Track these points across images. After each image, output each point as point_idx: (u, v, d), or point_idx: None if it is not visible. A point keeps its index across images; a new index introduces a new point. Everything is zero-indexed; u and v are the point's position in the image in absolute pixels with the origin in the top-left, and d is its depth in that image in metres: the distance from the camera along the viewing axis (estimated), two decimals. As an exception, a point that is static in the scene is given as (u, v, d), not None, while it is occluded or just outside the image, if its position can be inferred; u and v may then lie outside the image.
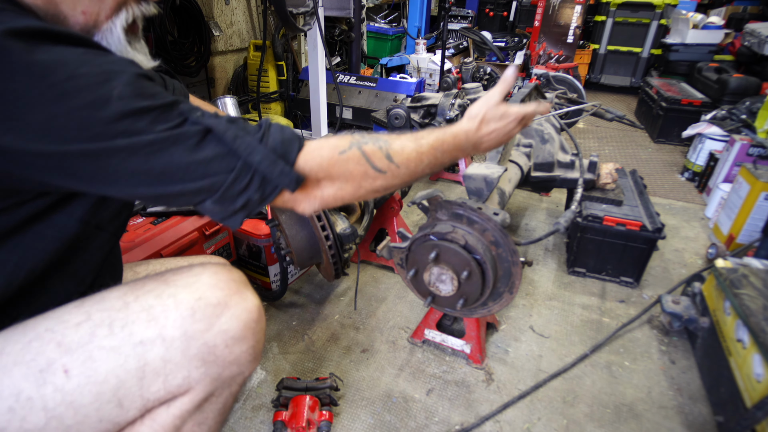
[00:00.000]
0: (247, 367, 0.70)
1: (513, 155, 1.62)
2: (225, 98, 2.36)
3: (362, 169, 0.70)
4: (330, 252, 1.29)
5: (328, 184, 0.69)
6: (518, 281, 1.12)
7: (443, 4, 3.19)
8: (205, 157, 0.58)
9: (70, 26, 0.60)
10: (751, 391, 1.07)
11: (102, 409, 0.58)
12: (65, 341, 0.58)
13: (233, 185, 0.60)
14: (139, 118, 0.54)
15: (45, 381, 0.56)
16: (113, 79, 0.53)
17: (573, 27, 4.51)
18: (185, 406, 0.65)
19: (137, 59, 0.67)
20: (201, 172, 0.58)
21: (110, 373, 0.58)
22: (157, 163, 0.56)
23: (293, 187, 0.64)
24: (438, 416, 1.21)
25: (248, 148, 0.60)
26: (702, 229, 2.21)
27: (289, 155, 0.64)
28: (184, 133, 0.57)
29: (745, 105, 2.66)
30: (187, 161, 0.57)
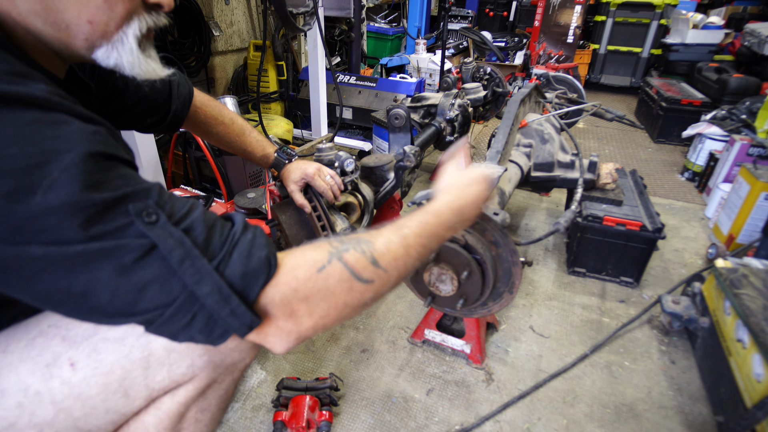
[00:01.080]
0: (248, 354, 0.70)
1: (513, 155, 1.62)
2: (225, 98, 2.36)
3: (346, 286, 0.59)
4: (330, 252, 1.29)
5: (305, 314, 0.57)
6: (518, 281, 1.12)
7: (443, 4, 3.19)
8: (140, 279, 0.48)
9: (74, 35, 0.55)
10: (751, 391, 1.07)
11: (108, 400, 0.59)
12: (70, 335, 0.59)
13: (170, 321, 0.51)
14: (68, 216, 0.44)
15: (52, 375, 0.56)
16: (51, 161, 0.44)
17: (573, 27, 4.51)
18: (189, 394, 0.66)
19: (150, 68, 0.63)
20: (131, 299, 0.48)
21: (115, 364, 0.59)
22: (78, 280, 0.46)
23: (243, 332, 0.54)
24: (438, 416, 1.21)
25: (196, 276, 0.50)
26: (702, 229, 2.21)
27: (249, 290, 0.53)
28: (123, 245, 0.47)
29: (745, 105, 2.66)
30: (116, 283, 0.47)
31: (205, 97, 1.11)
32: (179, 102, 1.00)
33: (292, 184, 1.20)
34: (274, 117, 3.06)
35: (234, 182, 2.07)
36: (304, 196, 1.21)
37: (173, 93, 0.98)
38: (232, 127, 1.16)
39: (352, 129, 3.41)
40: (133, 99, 0.90)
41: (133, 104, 0.91)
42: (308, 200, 1.21)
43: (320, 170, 1.21)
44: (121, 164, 0.51)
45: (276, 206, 1.29)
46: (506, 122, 1.53)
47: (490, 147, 1.45)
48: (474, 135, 3.38)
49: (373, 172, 1.47)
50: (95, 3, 0.54)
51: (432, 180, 2.69)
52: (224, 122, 1.14)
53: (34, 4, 0.51)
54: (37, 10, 0.52)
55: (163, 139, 2.24)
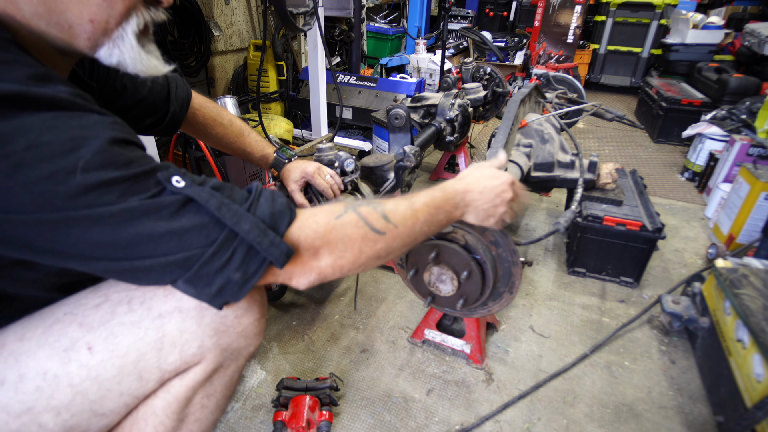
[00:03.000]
0: (253, 340, 0.72)
1: (513, 155, 1.62)
2: (225, 98, 2.36)
3: (361, 232, 0.66)
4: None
5: (326, 253, 0.64)
6: (518, 281, 1.13)
7: (443, 4, 3.19)
8: (181, 227, 0.53)
9: (77, 35, 0.57)
10: (751, 391, 1.07)
11: (123, 383, 0.61)
12: (86, 321, 0.60)
13: (212, 260, 0.55)
14: (107, 191, 0.50)
15: (70, 359, 0.58)
16: (82, 146, 0.49)
17: (573, 27, 4.51)
18: (197, 377, 0.68)
19: (152, 65, 0.65)
20: (174, 244, 0.53)
21: (131, 346, 0.60)
22: (123, 233, 0.51)
23: (282, 261, 0.59)
24: (438, 416, 1.21)
25: (235, 217, 0.56)
26: (702, 229, 2.21)
27: (279, 226, 0.60)
28: (159, 203, 0.52)
29: (745, 105, 2.66)
30: (160, 231, 0.52)
31: (203, 98, 1.11)
32: (177, 104, 1.00)
33: (293, 184, 1.21)
34: (274, 117, 3.06)
35: (234, 182, 2.07)
36: (304, 196, 1.21)
37: (171, 95, 0.98)
38: (231, 128, 1.16)
39: (352, 129, 3.41)
40: (131, 100, 0.90)
41: (131, 105, 0.91)
42: (308, 200, 1.21)
43: (320, 169, 1.21)
44: (138, 148, 0.56)
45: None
46: (506, 122, 1.53)
47: (490, 147, 1.45)
48: (474, 135, 3.38)
49: (373, 172, 1.48)
50: (95, 1, 0.55)
51: (432, 180, 2.68)
52: (223, 123, 1.14)
53: (37, 7, 0.53)
54: (40, 13, 0.53)
55: (163, 140, 2.24)
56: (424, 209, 0.75)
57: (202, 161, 2.12)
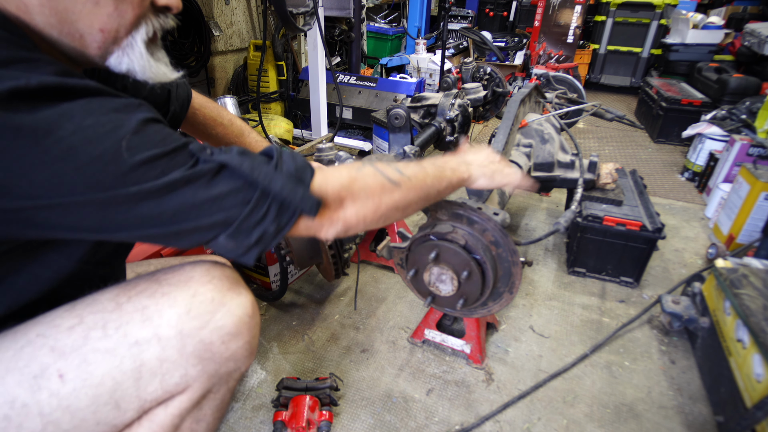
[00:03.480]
0: (244, 363, 0.70)
1: (513, 155, 1.62)
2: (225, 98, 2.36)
3: (380, 182, 0.71)
4: (330, 252, 1.29)
5: (350, 203, 0.68)
6: (518, 281, 1.13)
7: (443, 4, 3.19)
8: (219, 192, 0.57)
9: (88, 44, 0.58)
10: (751, 391, 1.07)
11: (99, 412, 0.58)
12: (58, 345, 0.58)
13: (249, 217, 0.58)
14: (151, 167, 0.53)
15: (40, 386, 0.55)
16: (121, 127, 0.52)
17: (573, 27, 4.51)
18: (183, 405, 0.65)
19: (161, 71, 0.66)
20: (216, 207, 0.57)
21: (106, 375, 0.58)
22: (169, 204, 0.54)
23: (314, 211, 0.63)
24: (438, 416, 1.21)
25: (267, 177, 0.59)
26: (702, 229, 2.21)
27: (305, 180, 0.63)
28: (197, 172, 0.56)
29: (745, 105, 2.66)
30: (201, 199, 0.56)
31: (203, 98, 1.11)
32: (177, 104, 1.00)
33: None
34: (274, 117, 3.06)
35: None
36: (305, 196, 1.21)
37: (172, 95, 0.98)
38: (231, 128, 1.16)
39: (352, 129, 3.41)
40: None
41: None
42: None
43: (320, 170, 1.21)
44: (165, 126, 0.59)
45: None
46: (506, 122, 1.53)
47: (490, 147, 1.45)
48: (474, 135, 3.38)
49: (373, 172, 1.47)
50: (106, 11, 0.56)
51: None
52: (223, 123, 1.14)
53: (49, 17, 0.54)
54: (52, 23, 0.54)
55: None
56: (430, 166, 0.83)
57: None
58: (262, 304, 1.62)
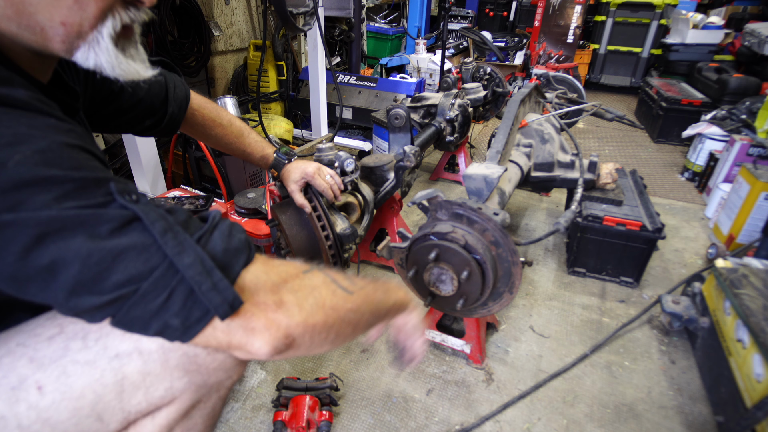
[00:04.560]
0: (234, 371, 0.67)
1: (513, 155, 1.62)
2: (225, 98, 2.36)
3: (331, 288, 0.61)
4: (330, 252, 1.29)
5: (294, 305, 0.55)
6: (518, 281, 1.12)
7: (443, 4, 3.19)
8: (115, 247, 0.46)
9: (50, 38, 0.53)
10: (751, 391, 1.07)
11: (81, 424, 0.56)
12: (38, 356, 0.56)
13: (145, 299, 0.48)
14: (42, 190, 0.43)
15: (18, 399, 0.53)
16: (25, 143, 0.44)
17: (573, 27, 4.51)
18: (171, 416, 0.63)
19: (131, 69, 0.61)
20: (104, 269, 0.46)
21: (87, 387, 0.56)
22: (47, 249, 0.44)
23: (223, 312, 0.51)
24: (438, 416, 1.21)
25: (178, 246, 0.48)
26: (702, 229, 2.21)
27: (231, 266, 0.52)
28: (101, 215, 0.46)
29: (745, 105, 2.66)
30: (88, 251, 0.45)
31: (202, 99, 1.10)
32: (176, 105, 1.00)
33: (292, 184, 1.20)
34: (274, 117, 3.06)
35: (234, 182, 2.07)
36: (304, 196, 1.21)
37: (169, 95, 0.98)
38: (231, 129, 1.15)
39: (352, 129, 3.41)
40: (128, 102, 0.89)
41: (129, 108, 0.90)
42: (308, 200, 1.21)
43: (320, 170, 1.21)
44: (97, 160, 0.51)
45: (276, 206, 1.29)
46: (506, 122, 1.53)
47: (490, 147, 1.45)
48: (474, 135, 3.38)
49: (373, 172, 1.48)
50: (66, 4, 0.51)
51: (432, 180, 2.68)
52: (222, 124, 1.13)
53: (5, 9, 0.50)
54: (9, 15, 0.50)
55: (163, 140, 2.24)
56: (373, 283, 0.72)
57: (202, 161, 2.12)
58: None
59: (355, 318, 0.64)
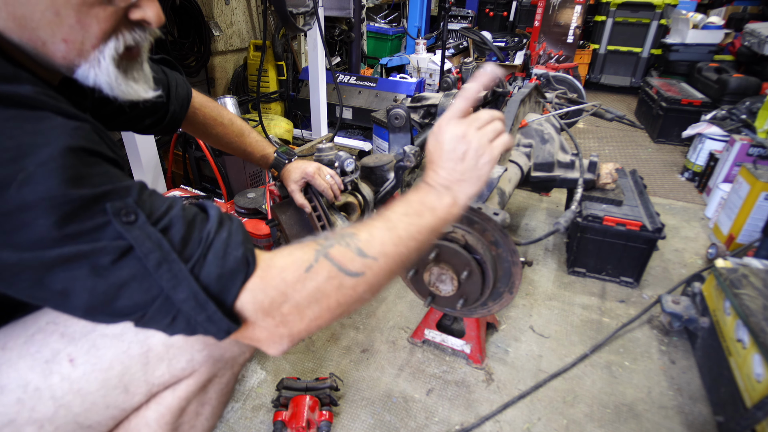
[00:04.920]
0: (248, 348, 0.71)
1: (513, 155, 1.62)
2: (225, 98, 2.36)
3: (336, 283, 0.57)
4: (330, 252, 1.28)
5: (296, 317, 0.56)
6: (518, 281, 1.12)
7: (443, 4, 3.19)
8: (117, 280, 0.48)
9: (52, 53, 0.53)
10: (751, 391, 1.07)
11: (108, 396, 0.59)
12: (68, 332, 0.59)
13: (154, 320, 0.51)
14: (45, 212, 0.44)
15: (51, 371, 0.57)
16: (28, 155, 0.44)
17: (573, 27, 4.51)
18: (190, 388, 0.66)
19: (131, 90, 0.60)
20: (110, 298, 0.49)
21: (115, 359, 0.59)
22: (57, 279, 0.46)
23: (222, 337, 0.54)
24: (438, 416, 1.21)
25: (172, 281, 0.49)
26: (702, 229, 2.21)
27: (226, 293, 0.52)
28: (99, 248, 0.47)
29: (745, 105, 2.66)
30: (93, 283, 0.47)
31: (203, 98, 1.11)
32: (177, 103, 1.00)
33: (293, 184, 1.20)
34: (274, 117, 3.06)
35: (234, 182, 2.07)
36: (304, 196, 1.21)
37: (171, 94, 0.98)
38: (231, 128, 1.16)
39: (352, 129, 3.41)
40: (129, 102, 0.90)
41: (131, 106, 0.90)
42: (308, 200, 1.21)
43: (320, 170, 1.21)
44: (103, 161, 0.51)
45: (276, 206, 1.29)
46: (506, 122, 1.53)
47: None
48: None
49: (373, 172, 1.47)
50: (68, 22, 0.51)
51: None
52: (223, 123, 1.14)
53: (8, 21, 0.49)
54: (11, 27, 0.50)
55: (163, 139, 2.24)
56: (404, 221, 0.64)
57: (202, 161, 2.12)
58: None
59: (370, 292, 0.61)
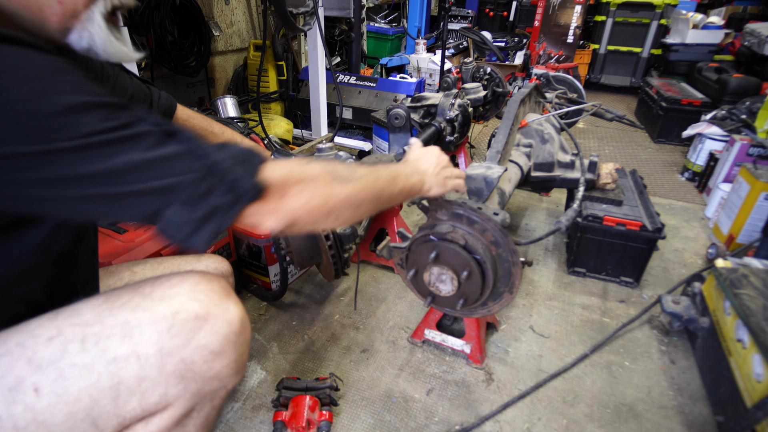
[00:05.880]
0: (230, 381, 0.68)
1: (513, 155, 1.62)
2: (225, 98, 2.37)
3: (328, 177, 0.68)
4: (330, 252, 1.29)
5: (296, 192, 0.64)
6: (518, 281, 1.12)
7: (443, 4, 3.19)
8: (165, 154, 0.54)
9: (48, 17, 0.58)
10: (751, 391, 1.07)
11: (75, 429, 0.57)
12: (36, 357, 0.56)
13: (197, 186, 0.55)
14: (85, 113, 0.50)
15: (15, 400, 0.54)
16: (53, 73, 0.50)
17: (573, 27, 4.51)
18: (164, 423, 0.64)
19: (122, 50, 0.65)
20: (162, 170, 0.53)
21: (83, 391, 0.56)
22: (111, 162, 0.51)
23: (251, 196, 0.58)
24: (438, 416, 1.21)
25: (209, 149, 0.57)
26: (702, 229, 2.21)
27: (250, 162, 0.60)
28: (142, 132, 0.53)
29: (745, 105, 2.66)
30: (146, 159, 0.53)
31: (190, 111, 1.13)
32: (159, 112, 1.01)
33: None
34: (274, 117, 3.06)
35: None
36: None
37: (153, 103, 1.00)
38: (222, 137, 1.16)
39: (352, 129, 3.41)
40: None
41: None
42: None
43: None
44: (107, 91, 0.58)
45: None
46: (506, 122, 1.53)
47: (490, 147, 1.45)
48: (474, 135, 3.38)
49: (373, 172, 1.47)
50: None
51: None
52: (214, 132, 1.15)
53: None
54: None
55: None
56: (383, 170, 0.81)
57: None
58: (262, 304, 1.62)
59: (354, 202, 0.71)
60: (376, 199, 0.77)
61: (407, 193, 0.88)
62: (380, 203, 0.79)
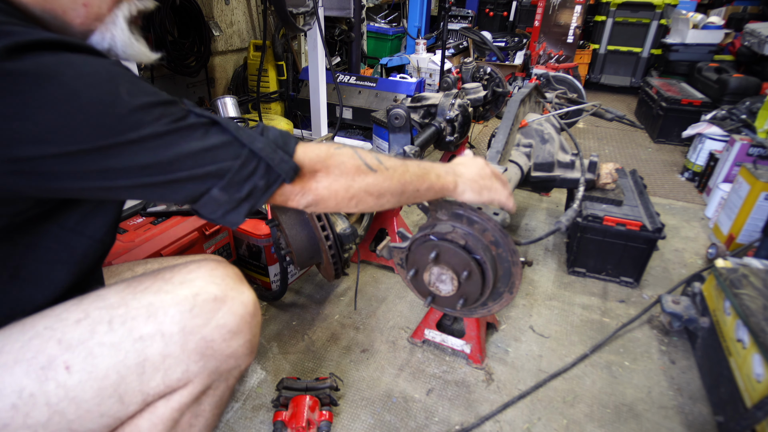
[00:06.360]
0: (244, 360, 0.72)
1: (513, 155, 1.62)
2: (225, 98, 2.37)
3: (355, 163, 0.73)
4: (330, 252, 1.29)
5: (323, 175, 0.70)
6: (518, 281, 1.12)
7: (443, 4, 3.19)
8: (213, 144, 0.60)
9: (71, 19, 0.60)
10: (751, 391, 1.07)
11: (103, 404, 0.60)
12: (65, 338, 0.59)
13: (241, 170, 0.61)
14: (148, 112, 0.55)
15: (47, 377, 0.57)
16: (118, 76, 0.54)
17: (573, 27, 4.51)
18: (184, 399, 0.67)
19: (141, 51, 0.69)
20: (210, 157, 0.59)
21: (111, 368, 0.60)
22: (167, 152, 0.57)
23: (291, 177, 0.65)
24: (438, 416, 1.21)
25: (251, 137, 0.62)
26: (702, 229, 2.21)
27: (288, 146, 0.67)
28: (192, 124, 0.59)
29: (745, 105, 2.66)
30: (197, 148, 0.58)
31: None
32: None
33: None
34: (274, 117, 3.06)
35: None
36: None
37: None
38: None
39: (352, 129, 3.41)
40: None
41: None
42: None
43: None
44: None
45: (276, 206, 1.29)
46: (506, 122, 1.53)
47: (490, 147, 1.45)
48: (474, 135, 3.38)
49: (373, 172, 1.47)
50: None
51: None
52: None
53: None
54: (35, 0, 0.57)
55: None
56: (414, 165, 0.84)
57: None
58: (262, 304, 1.62)
59: (376, 191, 0.76)
60: (400, 192, 0.80)
61: (437, 191, 0.89)
62: (405, 197, 0.82)
